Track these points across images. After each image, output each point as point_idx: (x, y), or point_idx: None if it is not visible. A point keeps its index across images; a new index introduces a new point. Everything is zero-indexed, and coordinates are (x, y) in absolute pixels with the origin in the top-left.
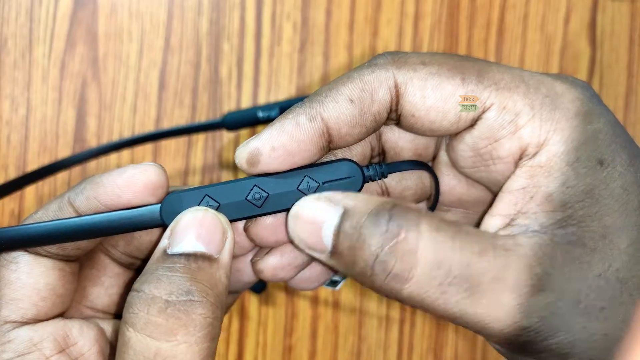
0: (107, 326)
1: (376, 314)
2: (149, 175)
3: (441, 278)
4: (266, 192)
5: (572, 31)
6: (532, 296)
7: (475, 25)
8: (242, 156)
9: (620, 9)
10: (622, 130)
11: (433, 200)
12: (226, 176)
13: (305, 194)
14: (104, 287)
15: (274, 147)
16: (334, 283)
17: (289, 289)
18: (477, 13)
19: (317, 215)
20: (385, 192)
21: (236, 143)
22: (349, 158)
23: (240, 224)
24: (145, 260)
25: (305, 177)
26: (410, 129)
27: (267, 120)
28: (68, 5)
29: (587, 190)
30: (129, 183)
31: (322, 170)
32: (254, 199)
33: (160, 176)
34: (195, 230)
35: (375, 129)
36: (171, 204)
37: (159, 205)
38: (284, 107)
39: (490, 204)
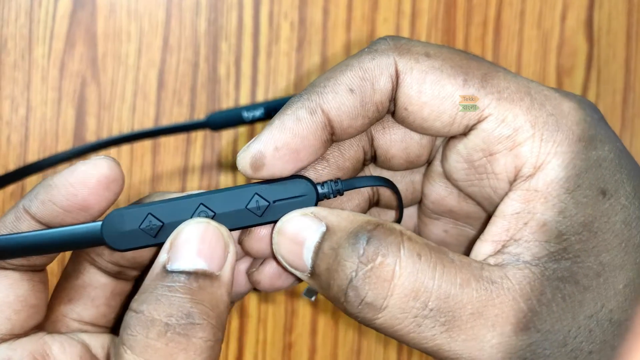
0: (94, 341)
1: None
2: (101, 170)
3: (417, 310)
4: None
5: (569, 28)
6: (514, 335)
7: (472, 23)
8: (245, 162)
9: (617, 5)
10: (628, 159)
11: (398, 216)
12: (225, 174)
13: (256, 214)
14: (90, 298)
15: (277, 147)
16: (310, 293)
17: None
18: (474, 10)
19: (300, 233)
20: (375, 195)
21: (236, 140)
22: (304, 175)
23: (234, 234)
24: (133, 268)
25: (254, 194)
26: (402, 122)
27: (252, 121)
28: (67, 5)
29: (586, 222)
30: (82, 180)
31: (275, 187)
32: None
33: (114, 169)
34: (196, 245)
35: (378, 118)
36: (113, 222)
37: (100, 223)
38: (268, 107)
39: (483, 227)
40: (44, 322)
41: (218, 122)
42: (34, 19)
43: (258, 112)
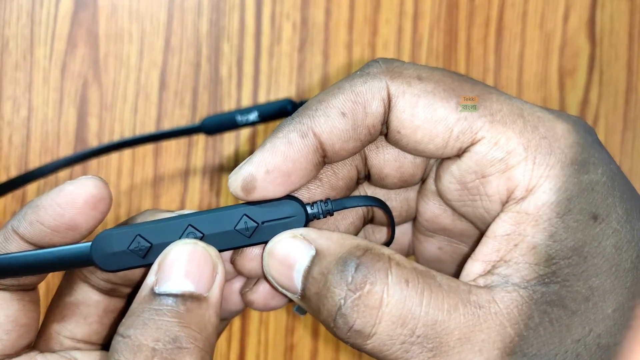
0: (87, 358)
1: None
2: (88, 189)
3: (404, 337)
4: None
5: (572, 28)
6: (500, 359)
7: (474, 24)
8: (236, 184)
9: (619, 5)
10: (621, 181)
11: (389, 237)
12: (227, 176)
13: (245, 235)
14: (82, 316)
15: (269, 170)
16: (301, 309)
17: None
18: (476, 11)
19: (290, 255)
20: (369, 212)
21: (237, 143)
22: (294, 195)
23: (227, 253)
24: (126, 286)
25: (243, 216)
26: (395, 144)
27: (246, 124)
28: (69, 6)
29: (576, 247)
30: (69, 200)
31: (264, 208)
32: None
33: (100, 189)
34: (184, 266)
35: (370, 140)
36: (102, 243)
37: (89, 244)
38: (262, 110)
39: (474, 247)
40: (37, 340)
41: (212, 126)
42: (36, 20)
43: (252, 116)
